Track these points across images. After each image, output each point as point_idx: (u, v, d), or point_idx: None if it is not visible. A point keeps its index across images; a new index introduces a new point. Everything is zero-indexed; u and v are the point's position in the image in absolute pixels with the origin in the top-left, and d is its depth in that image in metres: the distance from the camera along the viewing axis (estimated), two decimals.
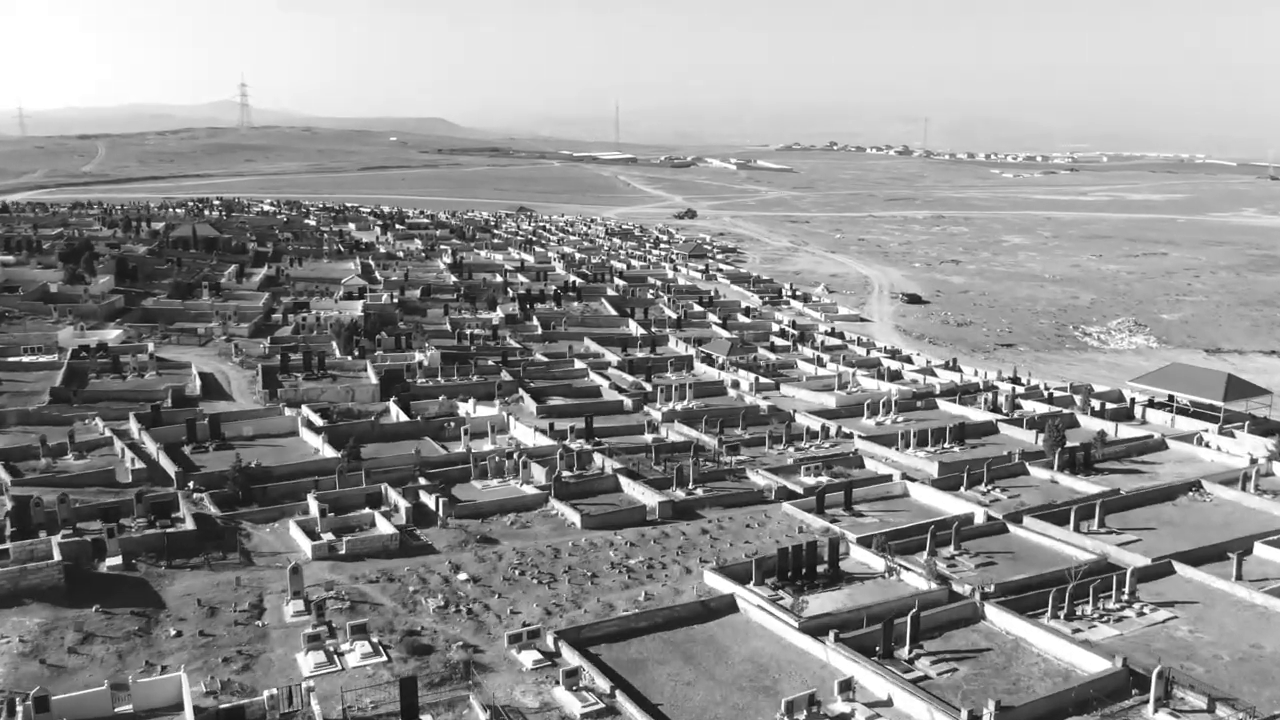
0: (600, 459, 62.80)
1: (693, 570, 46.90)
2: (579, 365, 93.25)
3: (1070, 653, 38.59)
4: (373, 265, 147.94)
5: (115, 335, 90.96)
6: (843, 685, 35.39)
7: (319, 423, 66.93)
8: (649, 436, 70.61)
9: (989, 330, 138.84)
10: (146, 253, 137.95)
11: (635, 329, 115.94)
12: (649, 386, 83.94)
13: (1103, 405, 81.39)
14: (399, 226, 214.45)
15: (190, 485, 54.72)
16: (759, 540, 51.15)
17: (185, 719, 32.04)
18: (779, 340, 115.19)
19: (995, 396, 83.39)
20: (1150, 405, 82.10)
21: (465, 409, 74.47)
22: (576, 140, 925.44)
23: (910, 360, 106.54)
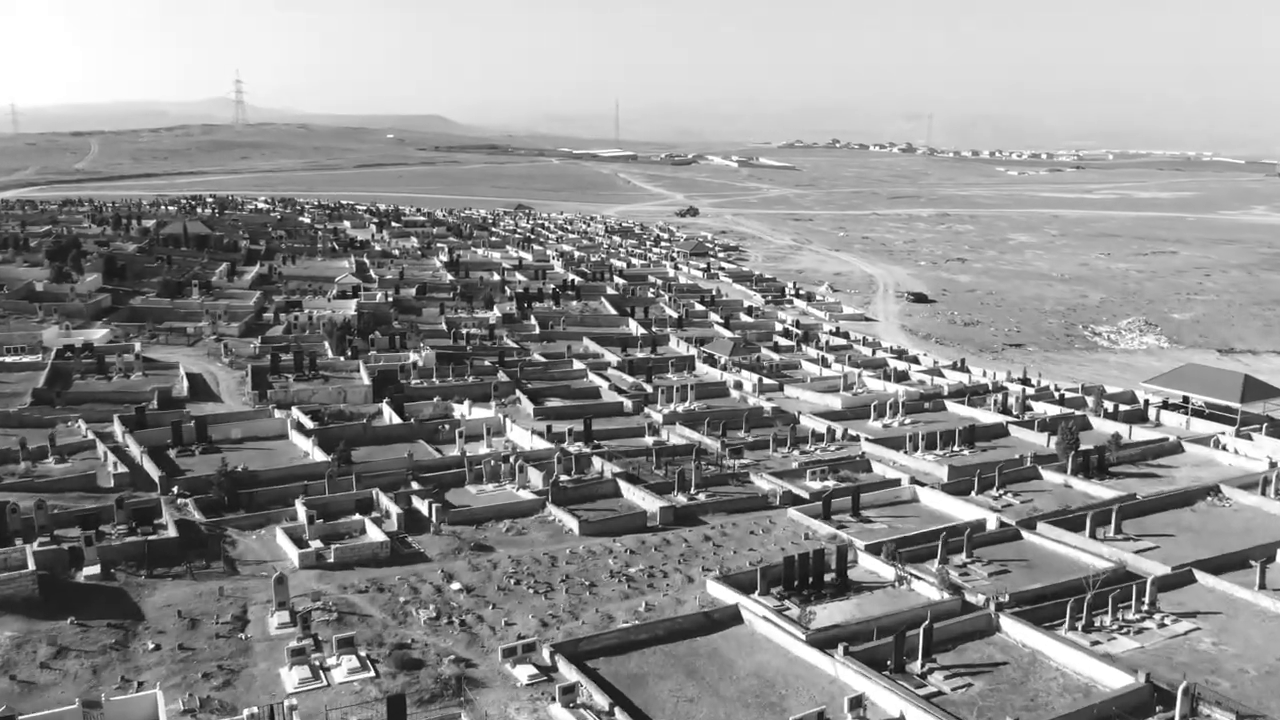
0: (599, 463, 62.10)
1: (695, 579, 46.01)
2: (578, 366, 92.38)
3: (1090, 667, 37.36)
4: (367, 263, 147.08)
5: (101, 335, 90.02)
6: (853, 702, 34.20)
7: (309, 425, 66.39)
8: (649, 439, 69.86)
9: (997, 330, 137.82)
10: (136, 250, 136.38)
11: (635, 329, 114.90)
12: (649, 388, 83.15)
13: (1115, 407, 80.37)
14: (395, 224, 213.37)
15: (174, 490, 53.81)
16: (764, 547, 50.31)
17: None
18: (782, 340, 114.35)
19: (1005, 398, 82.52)
20: (1164, 407, 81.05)
21: (460, 411, 73.75)
22: (576, 138, 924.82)
23: (917, 360, 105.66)
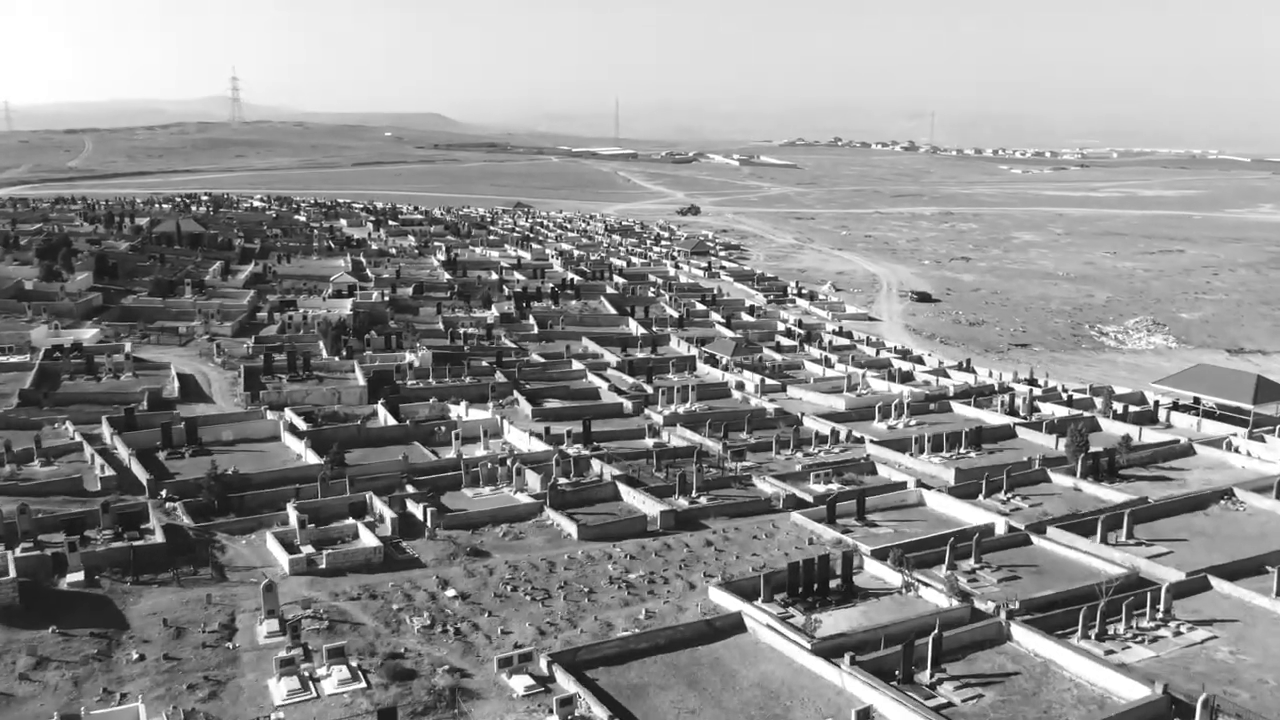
0: (598, 465, 61.27)
1: (697, 585, 45.18)
2: (577, 366, 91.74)
3: (1105, 677, 36.47)
4: (364, 262, 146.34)
5: (91, 335, 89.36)
6: (861, 715, 33.18)
7: (302, 427, 65.76)
8: (650, 441, 68.98)
9: (1002, 330, 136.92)
10: (128, 249, 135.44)
11: (635, 328, 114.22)
12: (650, 388, 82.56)
13: (1125, 408, 79.40)
14: (392, 222, 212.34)
15: (163, 494, 52.90)
16: (767, 552, 49.43)
17: None
18: (785, 340, 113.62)
19: (1012, 399, 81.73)
20: (1175, 408, 79.93)
21: (457, 412, 73.14)
22: (576, 136, 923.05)
23: (922, 361, 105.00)
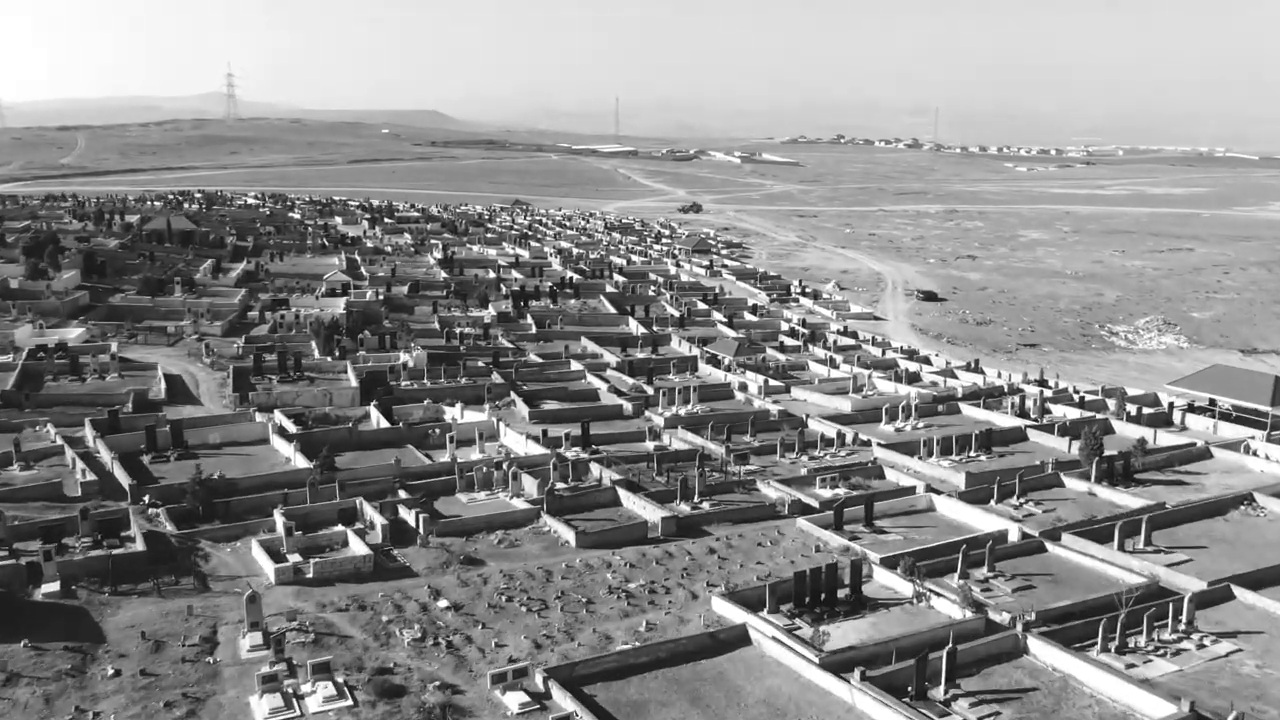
0: (597, 469, 60.33)
1: (699, 595, 43.84)
2: (575, 367, 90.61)
3: (1127, 693, 35.04)
4: (358, 260, 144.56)
5: (77, 334, 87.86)
6: None
7: (292, 429, 64.56)
8: (650, 444, 67.88)
9: (1010, 329, 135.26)
10: (118, 246, 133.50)
11: (635, 328, 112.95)
12: (650, 390, 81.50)
13: (1139, 410, 77.90)
14: (387, 220, 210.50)
15: (145, 500, 51.53)
16: (772, 560, 48.05)
17: None
18: (788, 340, 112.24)
19: (1022, 400, 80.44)
20: (1190, 410, 78.39)
21: (452, 414, 72.18)
22: (575, 133, 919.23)
23: (929, 361, 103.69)
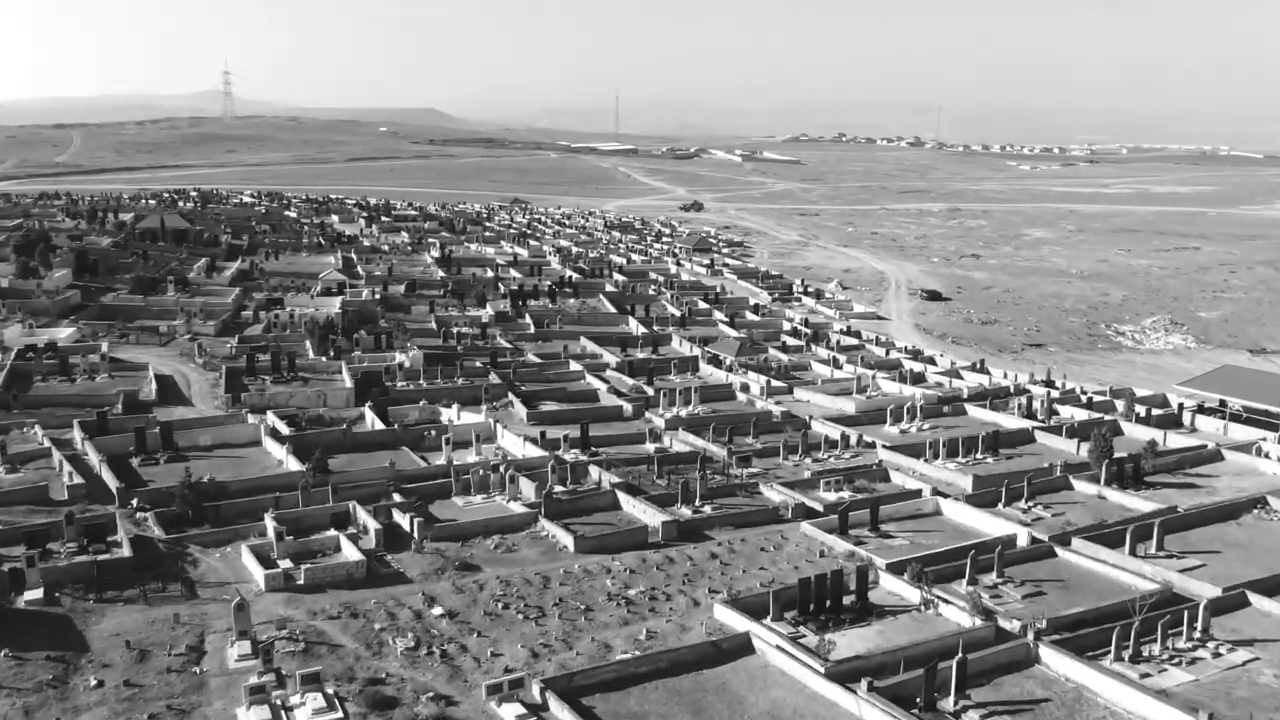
0: (596, 472, 59.59)
1: (701, 602, 42.92)
2: (574, 367, 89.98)
3: (1143, 705, 34.18)
4: (355, 259, 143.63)
5: (67, 334, 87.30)
6: None
7: (285, 431, 63.79)
8: (651, 446, 67.37)
9: (1016, 329, 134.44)
10: (110, 245, 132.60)
11: (635, 328, 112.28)
12: (650, 390, 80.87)
13: (1148, 411, 77.07)
14: (385, 218, 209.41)
15: (133, 503, 50.57)
16: (775, 566, 47.13)
17: None
18: (791, 340, 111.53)
19: (1029, 401, 79.47)
20: (1200, 411, 77.46)
21: (448, 415, 71.52)
22: (575, 131, 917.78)
23: (933, 361, 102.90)
